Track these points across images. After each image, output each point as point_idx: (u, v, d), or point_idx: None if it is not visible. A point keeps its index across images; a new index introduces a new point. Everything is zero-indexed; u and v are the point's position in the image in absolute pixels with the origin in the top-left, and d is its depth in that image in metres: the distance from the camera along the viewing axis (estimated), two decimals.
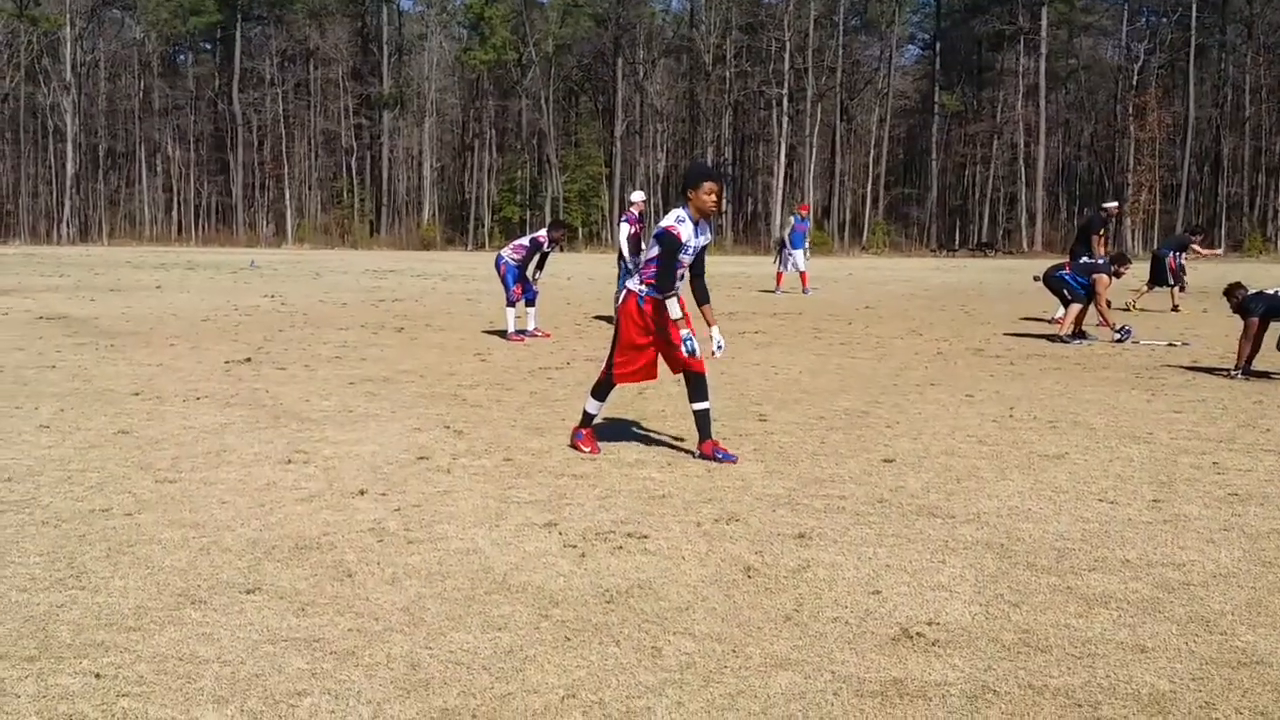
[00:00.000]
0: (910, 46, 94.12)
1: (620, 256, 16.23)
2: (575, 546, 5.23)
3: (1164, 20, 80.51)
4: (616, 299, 16.58)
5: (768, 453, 7.43)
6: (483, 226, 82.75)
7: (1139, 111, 75.05)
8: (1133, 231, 75.25)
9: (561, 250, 17.72)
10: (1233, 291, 12.08)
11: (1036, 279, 26.42)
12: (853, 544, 5.31)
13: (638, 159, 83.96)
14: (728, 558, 5.08)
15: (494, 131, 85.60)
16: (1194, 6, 76.35)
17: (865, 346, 14.43)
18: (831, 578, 4.80)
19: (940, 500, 6.16)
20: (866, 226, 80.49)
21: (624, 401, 9.44)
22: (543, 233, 15.53)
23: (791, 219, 26.70)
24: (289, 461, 7.02)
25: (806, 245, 26.15)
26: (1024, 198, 78.39)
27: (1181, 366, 12.47)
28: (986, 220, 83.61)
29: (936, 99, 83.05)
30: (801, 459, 7.24)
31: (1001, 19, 79.02)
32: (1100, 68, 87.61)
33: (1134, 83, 78.25)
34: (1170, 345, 14.66)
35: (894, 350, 14.02)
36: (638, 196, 17.48)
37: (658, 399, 9.64)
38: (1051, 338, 15.43)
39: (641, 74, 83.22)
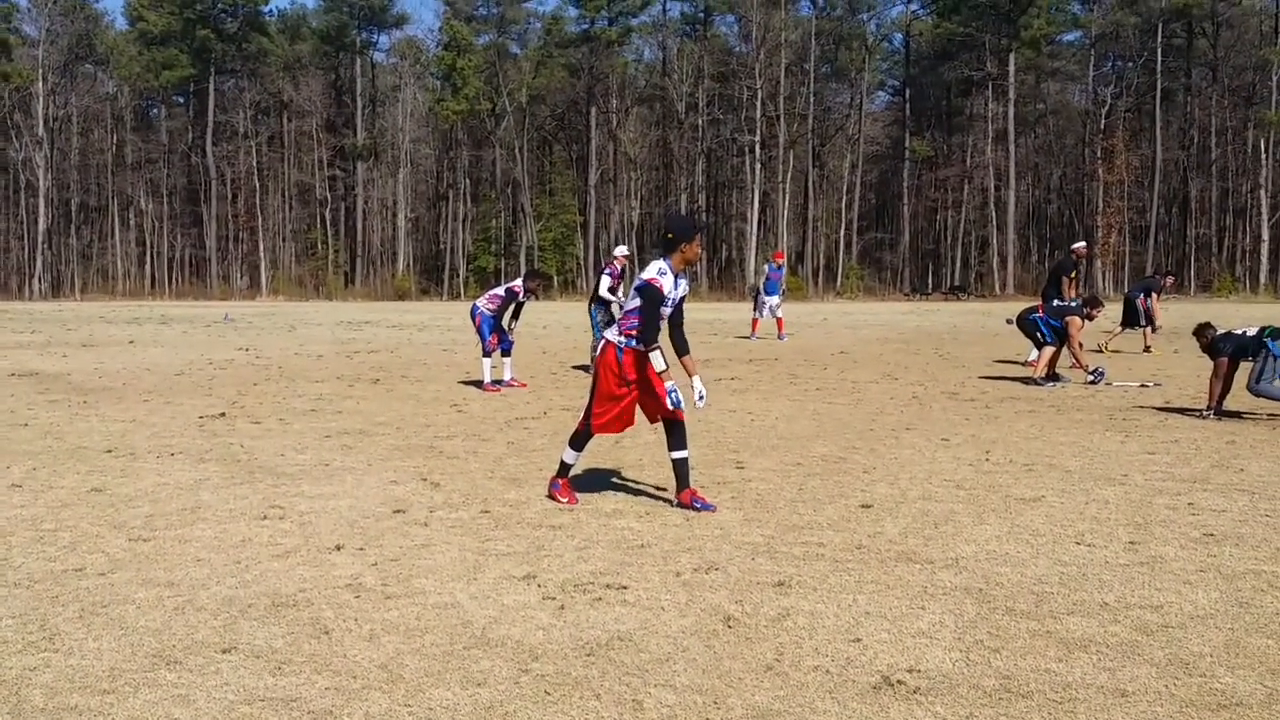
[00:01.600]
0: (880, 93, 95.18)
1: (592, 302, 16.73)
2: (554, 598, 5.21)
3: (1129, 65, 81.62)
4: (593, 349, 17.01)
5: (746, 500, 7.42)
6: (458, 276, 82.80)
7: (1107, 155, 75.92)
8: (1103, 273, 75.94)
9: (537, 299, 17.69)
10: (1202, 331, 12.18)
11: (1009, 321, 26.65)
12: (832, 591, 5.30)
13: (612, 206, 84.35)
14: (708, 607, 5.06)
15: (468, 181, 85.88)
16: (1159, 51, 77.48)
17: (841, 392, 14.46)
18: (812, 626, 4.79)
19: (918, 545, 6.16)
20: (840, 271, 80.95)
21: (601, 451, 9.42)
22: (518, 282, 15.49)
23: (766, 266, 26.81)
24: (264, 517, 6.97)
25: (781, 291, 26.25)
26: (995, 241, 79.02)
27: (1154, 407, 12.55)
28: (959, 263, 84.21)
29: (907, 144, 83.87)
30: (779, 506, 7.23)
31: (969, 65, 79.99)
32: (1068, 112, 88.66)
33: (1101, 126, 79.16)
34: (1143, 386, 14.75)
35: (869, 395, 14.05)
36: (620, 251, 18.00)
37: (635, 448, 9.62)
38: (1026, 380, 15.51)
39: (615, 123, 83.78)
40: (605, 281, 16.63)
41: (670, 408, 6.97)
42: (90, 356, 21.19)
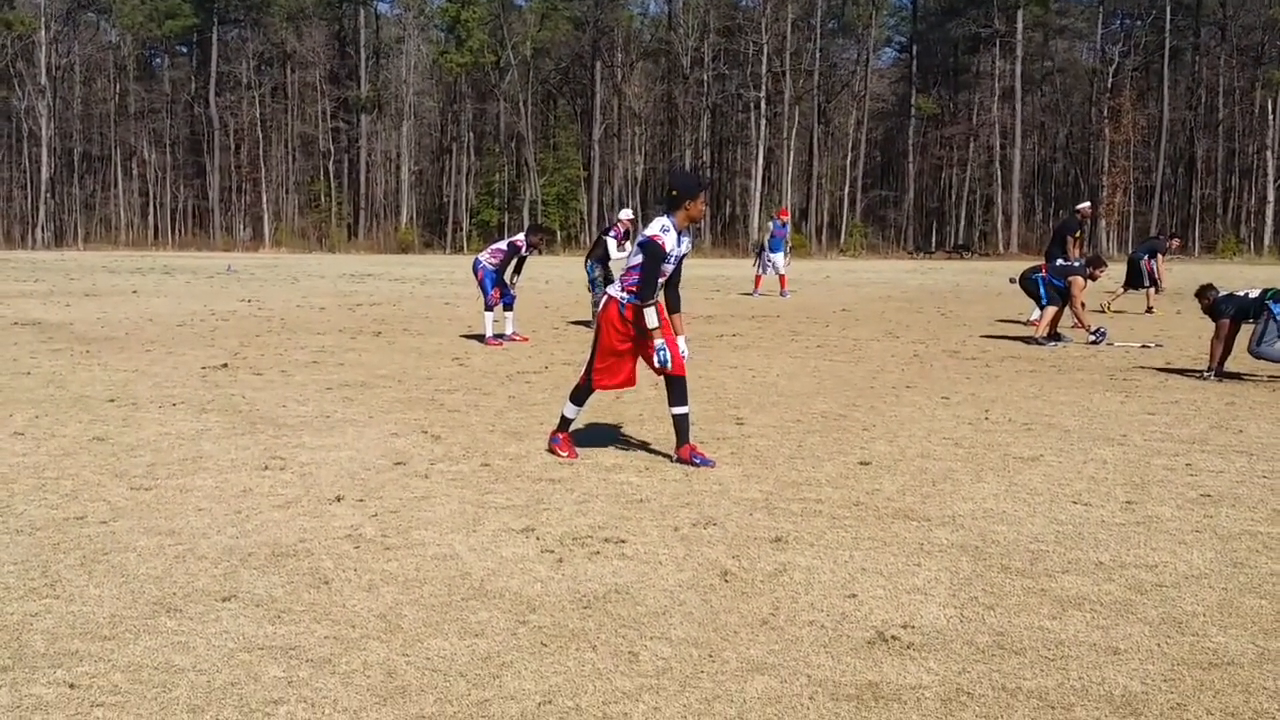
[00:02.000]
0: (887, 50, 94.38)
1: (588, 258, 17.19)
2: (552, 552, 5.24)
3: (1138, 23, 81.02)
4: (595, 305, 17.17)
5: (745, 456, 7.45)
6: (461, 230, 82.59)
7: (1114, 114, 75.51)
8: (1108, 233, 75.69)
9: (540, 254, 17.67)
10: (1204, 293, 12.17)
11: (1013, 281, 26.56)
12: (829, 547, 5.33)
13: (616, 162, 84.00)
14: (705, 562, 5.09)
15: (472, 135, 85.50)
16: (1168, 9, 76.80)
17: (842, 349, 14.47)
18: (808, 581, 4.82)
19: (916, 503, 6.19)
20: (844, 229, 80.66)
21: (601, 406, 9.44)
22: (520, 237, 15.47)
23: (770, 224, 26.71)
24: (265, 468, 7.00)
25: (786, 249, 26.16)
26: (1000, 200, 78.70)
27: (1155, 368, 12.55)
28: (963, 222, 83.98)
29: (913, 102, 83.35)
30: (778, 462, 7.25)
31: (977, 22, 79.35)
32: (1075, 70, 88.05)
33: (1109, 85, 78.66)
34: (1144, 347, 14.74)
35: (870, 353, 14.06)
36: (625, 214, 18.31)
37: (635, 404, 9.64)
38: (1027, 340, 15.50)
39: (619, 77, 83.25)
40: (611, 243, 16.87)
41: (657, 366, 6.99)
42: (93, 306, 21.19)
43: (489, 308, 15.10)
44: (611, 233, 17.28)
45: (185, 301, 22.68)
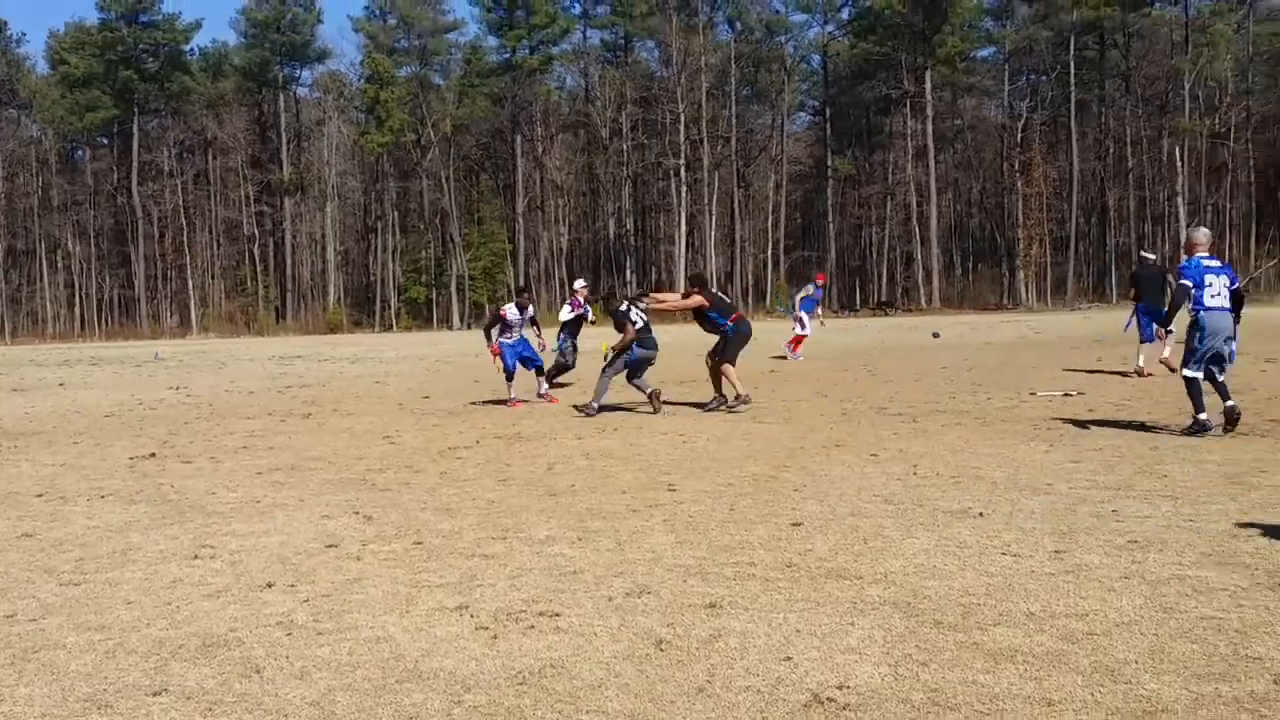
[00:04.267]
0: (801, 114, 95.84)
1: (561, 332, 19.35)
2: (487, 629, 5.19)
3: (1044, 78, 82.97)
4: (556, 371, 19.04)
5: (678, 523, 7.44)
6: (389, 308, 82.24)
7: (1025, 168, 77.05)
8: (1025, 285, 76.96)
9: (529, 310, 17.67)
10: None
11: (936, 335, 26.94)
12: (763, 611, 5.32)
13: (540, 233, 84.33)
14: (640, 632, 5.06)
15: (396, 213, 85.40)
16: (1072, 64, 78.78)
17: (772, 410, 14.54)
18: (743, 646, 4.80)
19: (848, 562, 6.20)
20: (769, 290, 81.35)
21: (534, 477, 9.42)
22: (507, 307, 16.75)
23: (809, 286, 27.29)
24: (195, 557, 6.88)
25: (818, 312, 26.59)
26: (920, 256, 79.83)
27: (1077, 417, 12.72)
28: (885, 279, 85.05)
29: (829, 163, 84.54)
30: (711, 527, 7.25)
31: (887, 84, 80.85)
32: (985, 127, 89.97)
33: (1018, 140, 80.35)
34: (1066, 395, 14.96)
35: (800, 413, 14.14)
36: (580, 284, 20.36)
37: (567, 474, 9.62)
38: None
39: (540, 150, 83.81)
40: (566, 310, 18.99)
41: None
42: (20, 400, 20.80)
43: (509, 377, 16.39)
44: (569, 303, 19.13)
45: (112, 392, 22.33)
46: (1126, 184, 79.85)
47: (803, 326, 26.07)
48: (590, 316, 20.19)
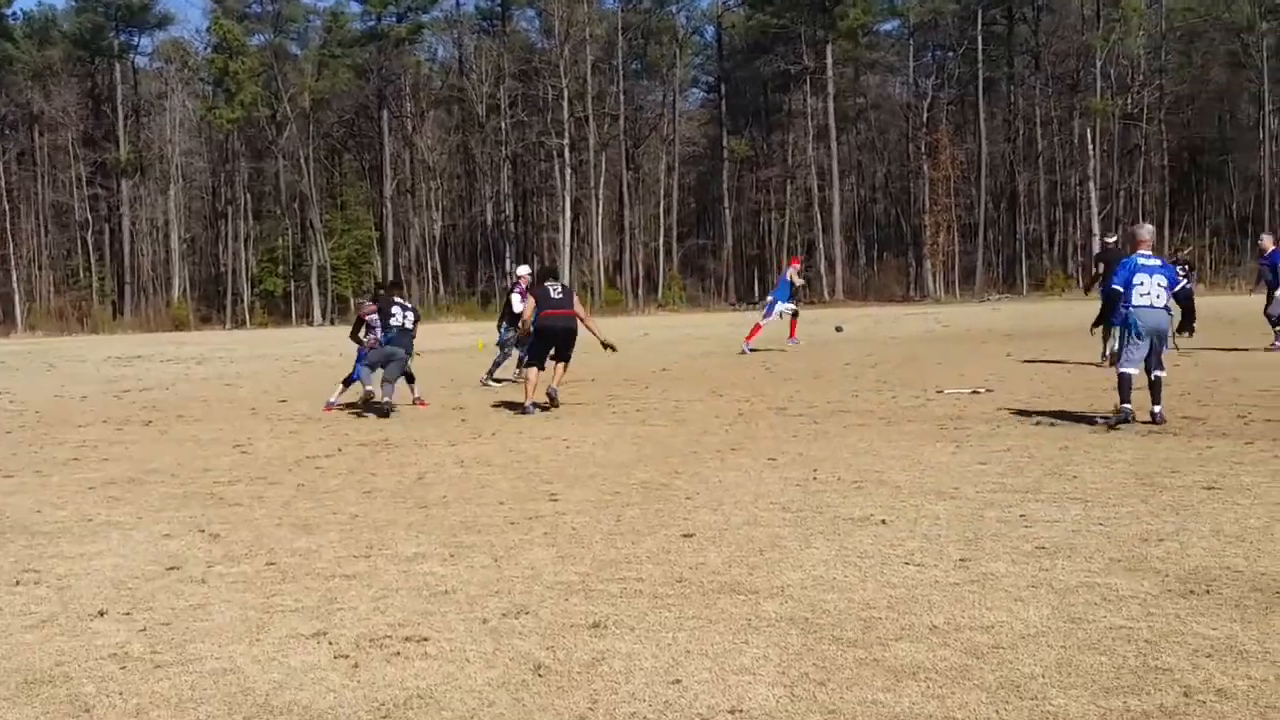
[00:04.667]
0: (694, 90, 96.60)
1: (502, 322, 19.99)
2: (347, 656, 5.13)
3: (950, 55, 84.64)
4: (496, 366, 19.86)
5: (559, 536, 7.44)
6: (241, 302, 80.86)
7: (931, 150, 78.50)
8: (933, 275, 78.39)
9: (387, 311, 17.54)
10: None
11: (839, 329, 27.34)
12: (650, 630, 5.35)
13: (411, 220, 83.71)
14: (516, 656, 5.05)
15: (249, 196, 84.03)
16: (979, 39, 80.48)
17: (663, 412, 14.61)
18: (628, 669, 4.82)
19: (743, 575, 6.26)
20: (661, 281, 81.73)
21: (402, 488, 9.36)
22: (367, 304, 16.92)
23: (790, 271, 27.54)
24: (16, 583, 6.70)
25: (794, 297, 26.96)
26: (822, 244, 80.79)
27: (986, 415, 12.99)
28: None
29: (725, 144, 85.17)
30: (596, 540, 7.26)
31: (786, 59, 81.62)
32: (890, 106, 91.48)
33: (924, 120, 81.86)
34: (974, 392, 15.26)
35: (693, 415, 14.22)
36: (524, 270, 20.93)
37: (439, 484, 9.57)
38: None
39: (410, 128, 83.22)
40: (515, 299, 18.93)
41: None
42: None
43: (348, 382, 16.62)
44: (516, 290, 19.28)
45: None
46: (1037, 167, 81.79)
47: (765, 316, 26.57)
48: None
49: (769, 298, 27.21)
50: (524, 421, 14.19)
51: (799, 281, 27.41)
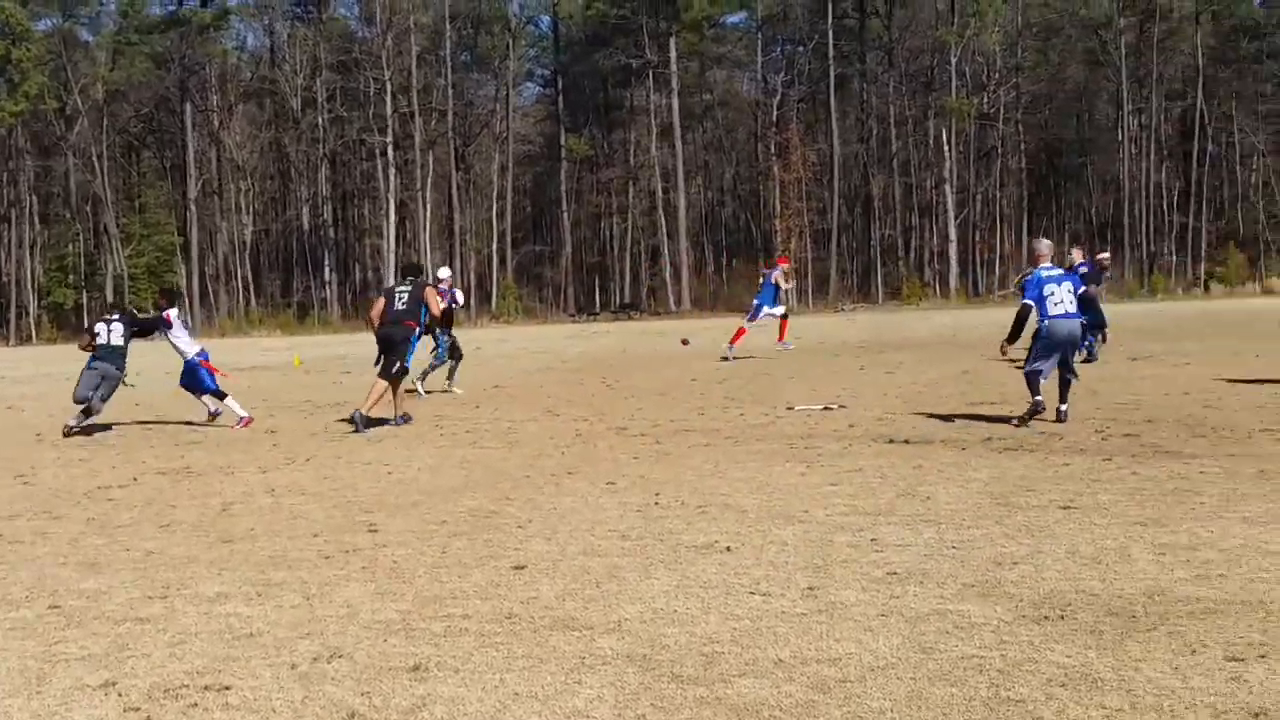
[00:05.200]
0: (529, 84, 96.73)
1: (438, 326, 19.29)
2: (138, 709, 5.00)
3: (801, 49, 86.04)
4: (430, 369, 20.52)
5: (378, 570, 7.36)
6: (26, 315, 78.41)
7: (782, 150, 79.65)
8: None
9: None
10: None
11: (685, 342, 27.57)
12: (476, 671, 5.32)
13: (219, 224, 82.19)
14: (328, 704, 4.98)
15: (34, 198, 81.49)
16: (830, 34, 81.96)
17: (494, 434, 14.57)
18: (451, 715, 4.79)
19: (577, 609, 6.26)
20: (495, 291, 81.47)
21: (205, 520, 9.17)
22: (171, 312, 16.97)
23: (778, 272, 27.97)
24: None
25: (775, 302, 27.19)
26: (667, 250, 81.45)
27: (837, 432, 13.21)
28: (628, 278, 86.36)
29: (563, 143, 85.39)
30: (418, 574, 7.21)
31: (627, 52, 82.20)
32: (738, 103, 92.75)
33: (774, 119, 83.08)
34: (826, 409, 15.51)
35: (527, 436, 14.21)
36: (445, 273, 21.72)
37: (246, 514, 9.41)
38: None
39: (216, 123, 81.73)
40: (441, 302, 18.49)
41: None
42: None
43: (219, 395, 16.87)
44: (440, 295, 19.13)
45: None
46: (891, 169, 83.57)
47: (750, 319, 27.05)
48: (460, 301, 22.11)
49: (754, 301, 27.64)
50: (342, 445, 14.03)
51: (786, 284, 27.95)
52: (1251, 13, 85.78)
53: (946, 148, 79.06)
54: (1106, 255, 24.19)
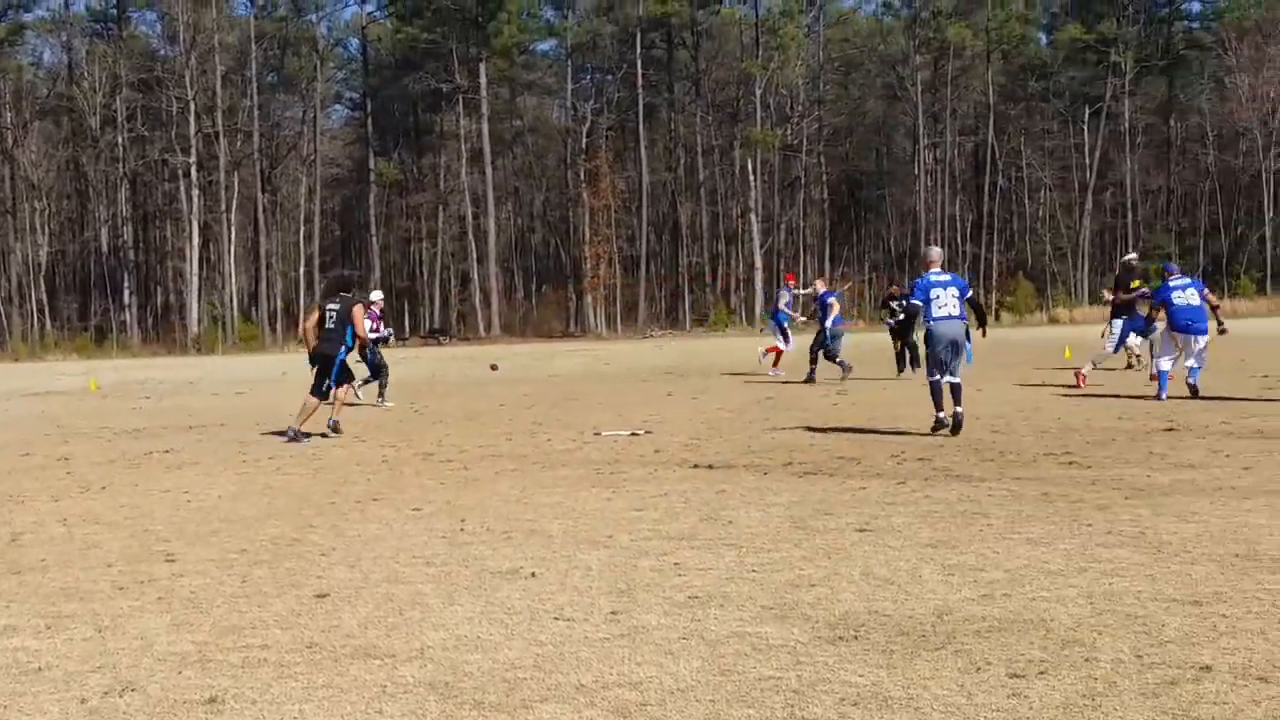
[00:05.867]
0: (337, 107, 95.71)
1: (369, 344, 20.12)
2: None
3: (610, 78, 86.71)
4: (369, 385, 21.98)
5: (175, 601, 7.18)
6: None
7: (591, 177, 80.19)
8: (594, 309, 79.88)
9: None
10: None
11: (494, 367, 27.57)
12: (275, 703, 5.23)
13: (12, 245, 79.36)
14: None
15: None
16: (639, 62, 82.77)
17: (299, 460, 14.34)
18: None
19: (379, 637, 6.20)
20: (302, 315, 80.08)
21: None
22: None
23: (783, 294, 28.00)
24: None
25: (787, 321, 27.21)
26: (476, 275, 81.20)
27: (643, 458, 13.32)
28: (438, 303, 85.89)
29: (372, 166, 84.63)
30: (216, 604, 7.05)
31: (437, 76, 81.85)
32: (547, 130, 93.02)
33: (584, 146, 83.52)
34: (633, 434, 15.62)
35: (333, 462, 14.03)
36: (377, 296, 22.93)
37: (37, 544, 9.10)
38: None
39: (10, 140, 78.98)
40: (368, 324, 19.04)
41: None
42: None
43: None
44: (369, 315, 20.44)
45: None
46: (699, 198, 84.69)
47: (786, 341, 27.03)
48: (389, 336, 23.05)
49: (770, 322, 27.86)
50: (139, 473, 13.66)
51: (797, 289, 28.35)
52: (1039, 53, 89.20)
53: (752, 177, 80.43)
54: (895, 289, 25.27)
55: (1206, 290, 18.30)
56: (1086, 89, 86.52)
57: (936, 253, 15.18)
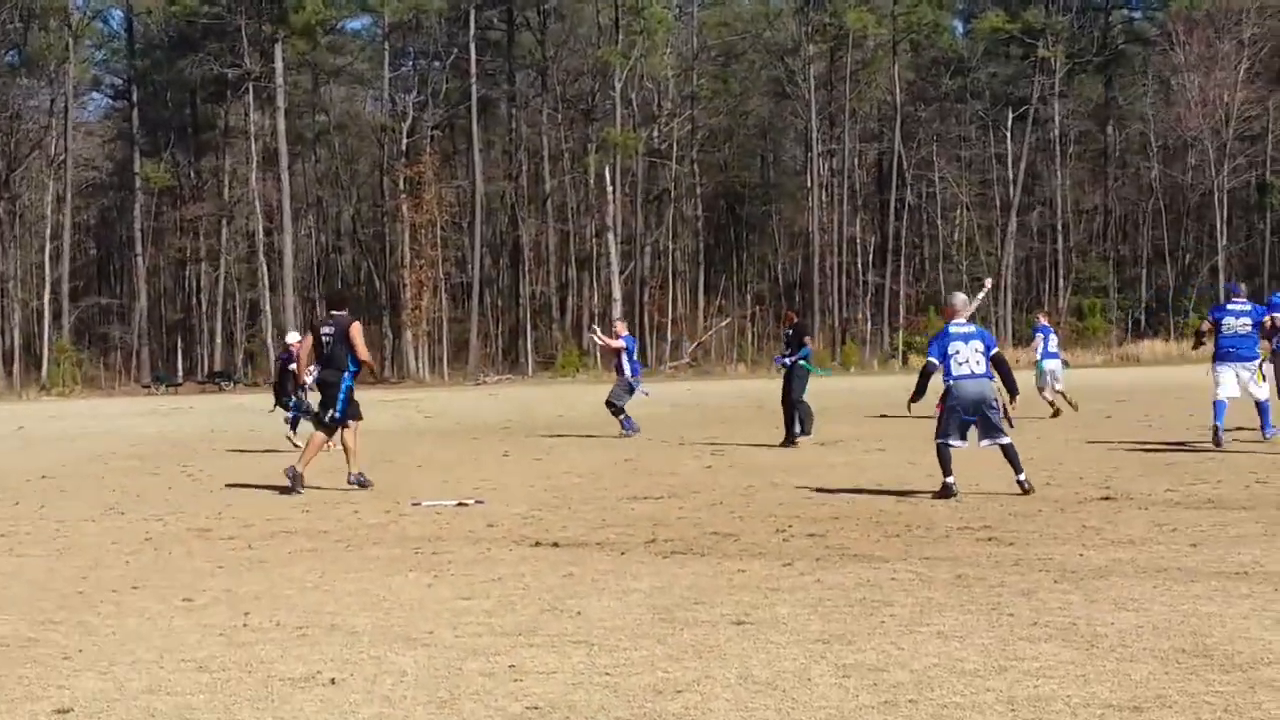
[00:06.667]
0: (95, 95, 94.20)
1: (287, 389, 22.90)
2: None
3: (436, 65, 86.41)
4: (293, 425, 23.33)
5: None
6: None
7: (413, 186, 79.61)
8: (415, 348, 79.39)
9: None
10: None
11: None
12: None
13: None
14: None
15: None
16: (473, 46, 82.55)
17: (38, 538, 14.07)
18: None
19: None
20: (46, 355, 78.60)
21: None
22: None
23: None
24: None
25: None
26: (269, 306, 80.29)
27: (473, 534, 13.27)
28: (220, 339, 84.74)
29: (138, 170, 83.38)
30: None
31: (221, 59, 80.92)
32: (360, 127, 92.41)
33: (404, 147, 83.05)
34: (460, 504, 15.57)
35: (82, 540, 13.78)
36: (294, 338, 25.70)
37: None
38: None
39: None
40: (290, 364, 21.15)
41: None
42: None
43: None
44: (283, 355, 23.51)
45: None
46: (545, 213, 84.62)
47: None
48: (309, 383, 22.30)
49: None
50: None
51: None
52: (954, 44, 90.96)
53: (610, 189, 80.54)
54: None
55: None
56: (1010, 89, 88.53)
57: (961, 300, 15.63)
